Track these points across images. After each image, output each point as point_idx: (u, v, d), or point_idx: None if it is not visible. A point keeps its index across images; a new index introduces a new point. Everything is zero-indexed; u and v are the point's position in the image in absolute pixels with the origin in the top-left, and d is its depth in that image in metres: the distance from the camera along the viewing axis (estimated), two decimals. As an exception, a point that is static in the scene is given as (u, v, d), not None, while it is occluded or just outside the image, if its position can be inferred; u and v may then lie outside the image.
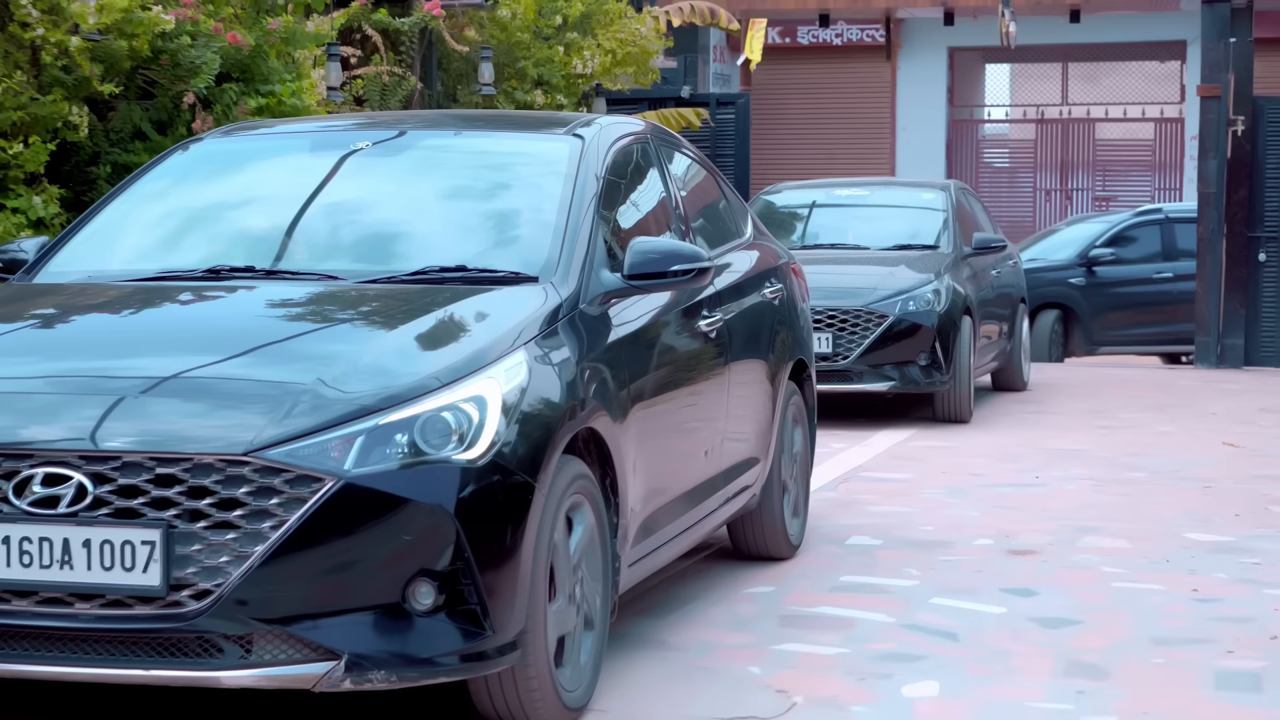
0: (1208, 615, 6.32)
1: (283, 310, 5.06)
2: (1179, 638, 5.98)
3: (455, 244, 5.50)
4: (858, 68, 29.00)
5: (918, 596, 6.57)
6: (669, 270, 5.46)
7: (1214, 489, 9.28)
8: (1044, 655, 5.71)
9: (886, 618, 6.22)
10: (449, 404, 4.42)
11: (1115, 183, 29.99)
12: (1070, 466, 10.09)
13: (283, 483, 4.24)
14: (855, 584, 6.81)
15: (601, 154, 5.90)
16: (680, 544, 5.98)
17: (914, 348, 11.75)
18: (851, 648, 5.79)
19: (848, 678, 5.41)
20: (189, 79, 9.32)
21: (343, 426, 4.32)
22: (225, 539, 4.21)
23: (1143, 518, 8.36)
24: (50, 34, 8.44)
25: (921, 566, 7.14)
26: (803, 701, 5.13)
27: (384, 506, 4.27)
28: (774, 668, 5.53)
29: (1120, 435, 11.63)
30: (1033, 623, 6.18)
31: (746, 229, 7.35)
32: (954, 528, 8.05)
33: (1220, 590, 6.76)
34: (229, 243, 5.63)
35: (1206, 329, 17.23)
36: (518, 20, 14.79)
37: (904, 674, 5.45)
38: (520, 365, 4.67)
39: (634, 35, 15.58)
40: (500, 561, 4.40)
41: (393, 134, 6.18)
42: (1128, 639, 5.95)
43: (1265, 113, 17.23)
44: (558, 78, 14.96)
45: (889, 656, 5.67)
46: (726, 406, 6.35)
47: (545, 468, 4.56)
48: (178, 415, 4.37)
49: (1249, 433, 11.78)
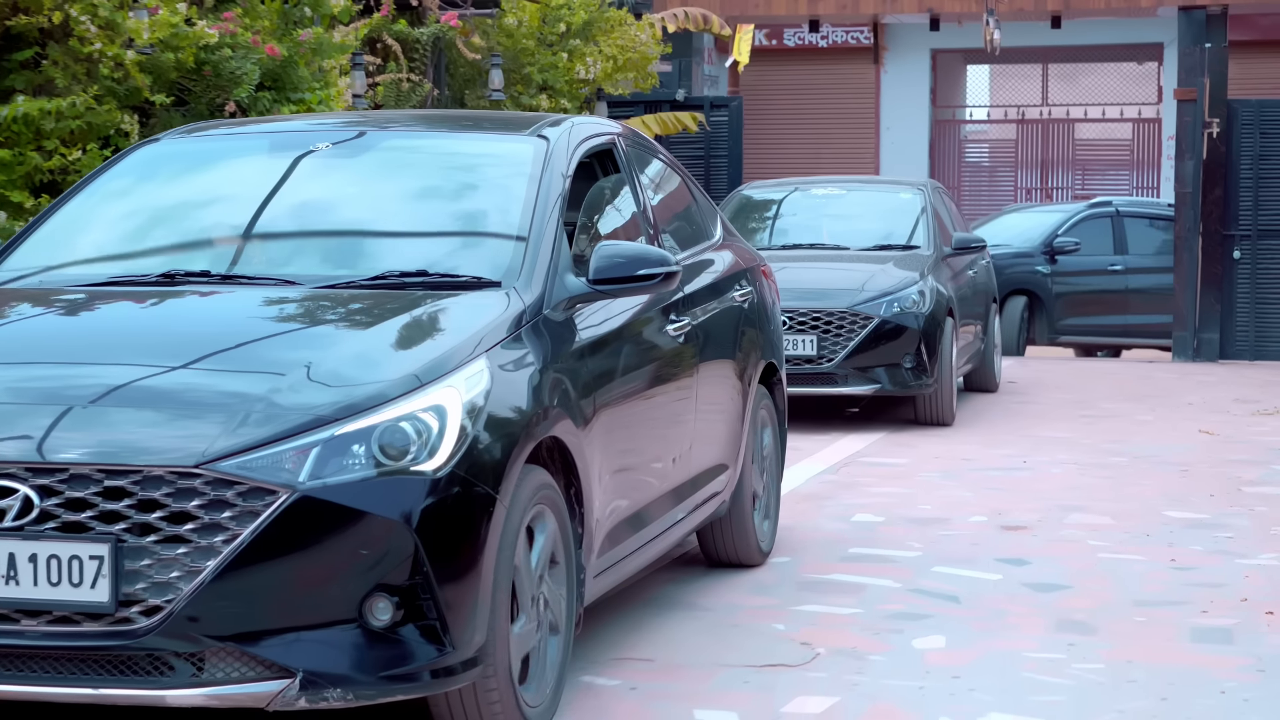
0: (1184, 581, 6.97)
1: (238, 317, 4.91)
2: (1158, 600, 6.62)
3: (416, 248, 5.40)
4: (843, 69, 29.67)
5: (921, 565, 7.21)
6: (635, 274, 5.36)
7: (1190, 472, 9.93)
8: (1037, 614, 6.35)
9: (894, 583, 6.86)
10: (408, 413, 4.33)
11: (1094, 181, 30.66)
12: (1055, 452, 10.73)
13: (235, 495, 4.14)
14: (863, 555, 7.45)
15: (567, 155, 5.77)
16: (648, 552, 5.90)
17: (899, 350, 11.63)
18: (865, 608, 6.43)
19: (864, 633, 6.05)
20: (230, 88, 9.92)
21: (298, 437, 4.22)
22: (176, 553, 4.11)
23: (1124, 497, 9.01)
24: (107, 48, 9.04)
25: (922, 540, 7.78)
26: (825, 652, 5.76)
27: (340, 519, 4.17)
28: (796, 625, 6.16)
29: (1102, 424, 12.27)
30: (1026, 587, 6.82)
31: (716, 231, 7.24)
32: (950, 506, 8.69)
33: (1196, 560, 7.40)
34: (185, 246, 5.53)
35: (1183, 324, 17.90)
36: (523, 28, 15.41)
37: (913, 630, 6.09)
38: (482, 373, 4.57)
39: (633, 42, 16.19)
40: (460, 575, 4.30)
41: (353, 135, 6.04)
42: (1112, 601, 6.59)
43: (1240, 115, 17.90)
44: (561, 83, 15.57)
45: (898, 615, 6.31)
46: (695, 412, 6.26)
47: (507, 478, 4.47)
48: (128, 425, 4.26)
49: (1223, 421, 12.43)
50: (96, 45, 9.01)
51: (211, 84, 9.99)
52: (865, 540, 7.78)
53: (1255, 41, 27.05)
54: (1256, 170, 17.81)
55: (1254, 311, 17.86)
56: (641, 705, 5.17)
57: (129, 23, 9.07)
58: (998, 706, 5.13)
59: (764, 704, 5.15)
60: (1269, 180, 17.82)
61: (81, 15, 8.97)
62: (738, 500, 6.90)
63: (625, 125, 6.58)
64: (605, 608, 6.26)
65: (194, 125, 6.38)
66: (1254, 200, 17.86)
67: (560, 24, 15.70)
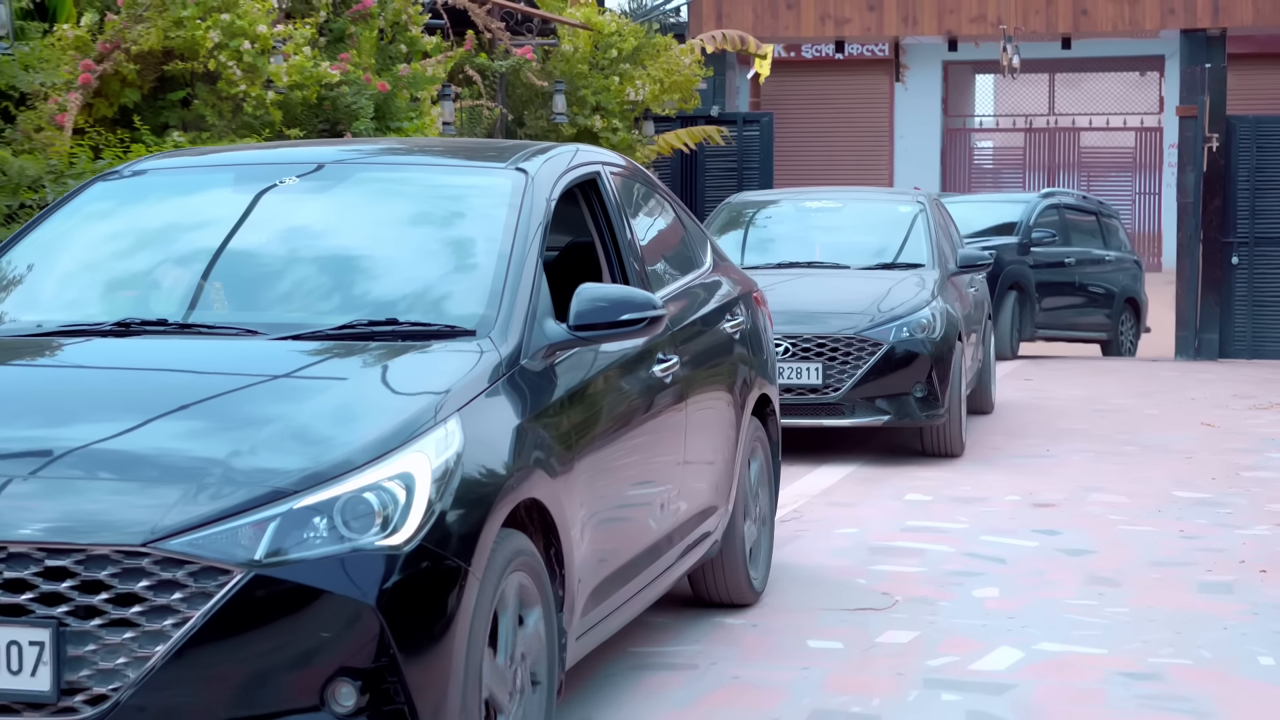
0: (1191, 547, 8.31)
1: (194, 371, 4.62)
2: (1170, 561, 7.96)
3: (385, 294, 5.06)
4: (858, 81, 31.03)
5: (969, 535, 8.56)
6: (619, 320, 5.07)
7: (1194, 459, 11.26)
8: (1071, 572, 7.69)
9: (949, 549, 8.21)
10: (372, 483, 4.07)
11: (1098, 186, 32.02)
12: (1074, 443, 12.06)
13: (186, 575, 3.88)
14: (920, 526, 8.81)
15: (547, 190, 5.47)
16: (635, 605, 5.67)
17: (910, 378, 10.93)
18: (928, 567, 7.77)
19: (931, 585, 7.39)
20: (348, 121, 11.25)
21: (254, 510, 3.96)
22: (123, 638, 3.86)
23: (1137, 480, 10.35)
24: (250, 89, 10.37)
25: (967, 515, 9.13)
26: (902, 600, 7.11)
27: (299, 599, 3.91)
28: (874, 580, 7.50)
29: (1113, 418, 13.61)
30: (1059, 551, 8.16)
31: (706, 258, 6.98)
32: (987, 488, 10.04)
33: (1200, 531, 8.74)
34: (141, 291, 5.24)
35: (1185, 325, 19.25)
36: (578, 54, 16.75)
37: (971, 583, 7.44)
38: (453, 435, 4.30)
39: (678, 65, 17.51)
40: (430, 656, 4.04)
41: (313, 169, 5.69)
42: (1132, 562, 7.93)
43: (1238, 131, 19.25)
44: (613, 104, 16.90)
45: (957, 573, 7.65)
46: (684, 454, 6.03)
47: (480, 548, 4.21)
48: (71, 499, 3.99)
49: (1223, 415, 13.77)
50: (241, 87, 10.33)
51: (329, 117, 11.32)
52: (919, 515, 9.13)
53: (1253, 55, 28.39)
54: (1253, 182, 19.16)
55: (1251, 314, 19.23)
56: (764, 637, 6.52)
57: (269, 67, 10.39)
58: (1046, 638, 6.48)
59: (861, 636, 6.50)
60: (1265, 191, 19.17)
61: (229, 61, 10.29)
62: (729, 539, 6.72)
63: (606, 152, 6.30)
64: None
65: (154, 156, 6.09)
66: (1251, 209, 19.21)
67: (612, 50, 17.02)
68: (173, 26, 10.23)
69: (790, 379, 10.82)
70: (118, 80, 10.17)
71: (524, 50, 14.45)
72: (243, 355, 4.71)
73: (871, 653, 6.27)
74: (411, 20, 12.69)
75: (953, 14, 20.09)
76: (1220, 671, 6.04)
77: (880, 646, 6.36)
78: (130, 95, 10.29)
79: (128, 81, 10.23)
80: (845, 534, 8.60)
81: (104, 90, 10.10)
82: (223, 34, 10.27)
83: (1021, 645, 6.37)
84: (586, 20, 16.80)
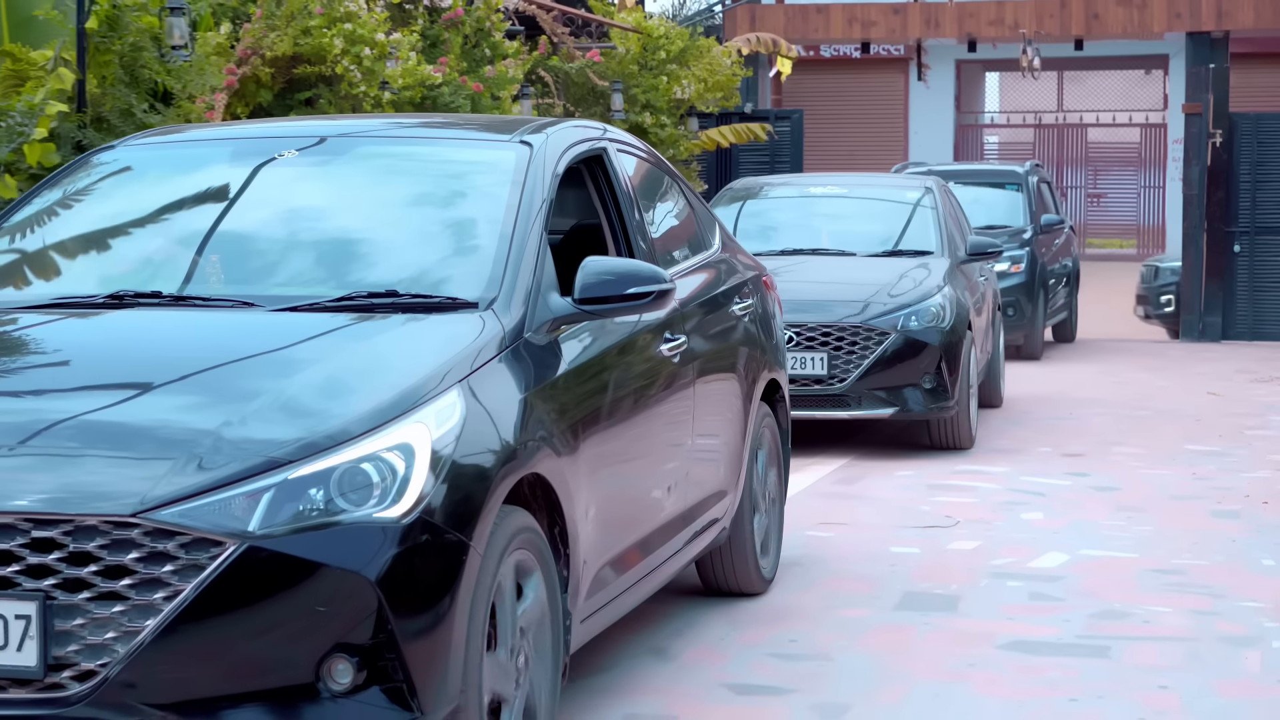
0: (1203, 486, 9.67)
1: (188, 343, 4.50)
2: (1185, 495, 9.33)
3: (386, 265, 4.93)
4: (875, 78, 32.42)
5: (1011, 476, 9.93)
6: (625, 293, 4.94)
7: (1202, 421, 12.63)
8: (1101, 503, 9.05)
9: (996, 486, 9.59)
10: (371, 454, 3.96)
11: (1105, 180, 33.42)
12: (1094, 408, 13.43)
13: (177, 547, 3.77)
14: (969, 469, 10.20)
15: (552, 164, 5.32)
16: (642, 590, 5.55)
17: (919, 369, 10.63)
18: (980, 499, 9.15)
19: (985, 511, 8.77)
20: (448, 119, 12.61)
21: (248, 481, 3.85)
22: (112, 612, 3.74)
23: (1153, 436, 11.71)
24: (369, 90, 11.73)
25: (1007, 462, 10.50)
26: (963, 521, 8.48)
27: (294, 573, 3.80)
28: (936, 508, 8.88)
29: (1128, 388, 14.97)
30: (1090, 488, 9.53)
31: (714, 240, 6.81)
32: (1022, 441, 11.42)
33: (1210, 474, 10.10)
34: (137, 263, 5.12)
35: (1190, 308, 20.61)
36: (629, 55, 18.12)
37: (1018, 510, 8.81)
38: (454, 406, 4.19)
39: (720, 66, 18.87)
40: (429, 632, 3.92)
41: (314, 142, 5.56)
42: (1152, 495, 9.30)
43: (1240, 127, 20.61)
44: (661, 102, 18.25)
45: (1006, 502, 9.04)
46: (692, 436, 5.91)
47: (482, 523, 4.10)
48: (59, 469, 3.88)
49: (1227, 387, 15.14)
50: (361, 88, 11.68)
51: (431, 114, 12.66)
52: (967, 462, 10.52)
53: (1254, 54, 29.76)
54: (1254, 175, 20.53)
55: (1252, 298, 20.59)
56: (851, 544, 7.88)
57: (385, 71, 11.74)
58: (1086, 546, 7.85)
59: (935, 545, 7.87)
60: (1265, 184, 20.54)
61: (350, 65, 11.64)
62: (738, 526, 6.58)
63: (612, 129, 6.15)
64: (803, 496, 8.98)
65: (154, 130, 5.98)
66: (1252, 201, 20.58)
67: (660, 52, 18.38)
68: (301, 35, 11.57)
69: (794, 369, 10.53)
70: (253, 82, 11.51)
71: (592, 54, 15.82)
72: (239, 327, 4.60)
73: (944, 556, 7.65)
74: (494, 27, 14.04)
75: (972, 17, 21.46)
76: (1231, 568, 7.42)
77: (951, 552, 7.73)
78: (264, 96, 11.62)
79: (262, 83, 11.56)
80: (904, 475, 9.97)
81: (241, 91, 11.43)
82: (345, 41, 11.61)
83: (1067, 550, 7.74)
84: (637, 24, 18.17)
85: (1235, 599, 6.83)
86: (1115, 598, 6.84)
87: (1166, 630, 6.35)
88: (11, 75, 10.15)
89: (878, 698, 5.48)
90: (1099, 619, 6.50)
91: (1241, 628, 6.38)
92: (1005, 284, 15.93)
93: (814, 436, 11.23)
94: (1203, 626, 6.39)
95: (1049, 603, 6.76)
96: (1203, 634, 6.28)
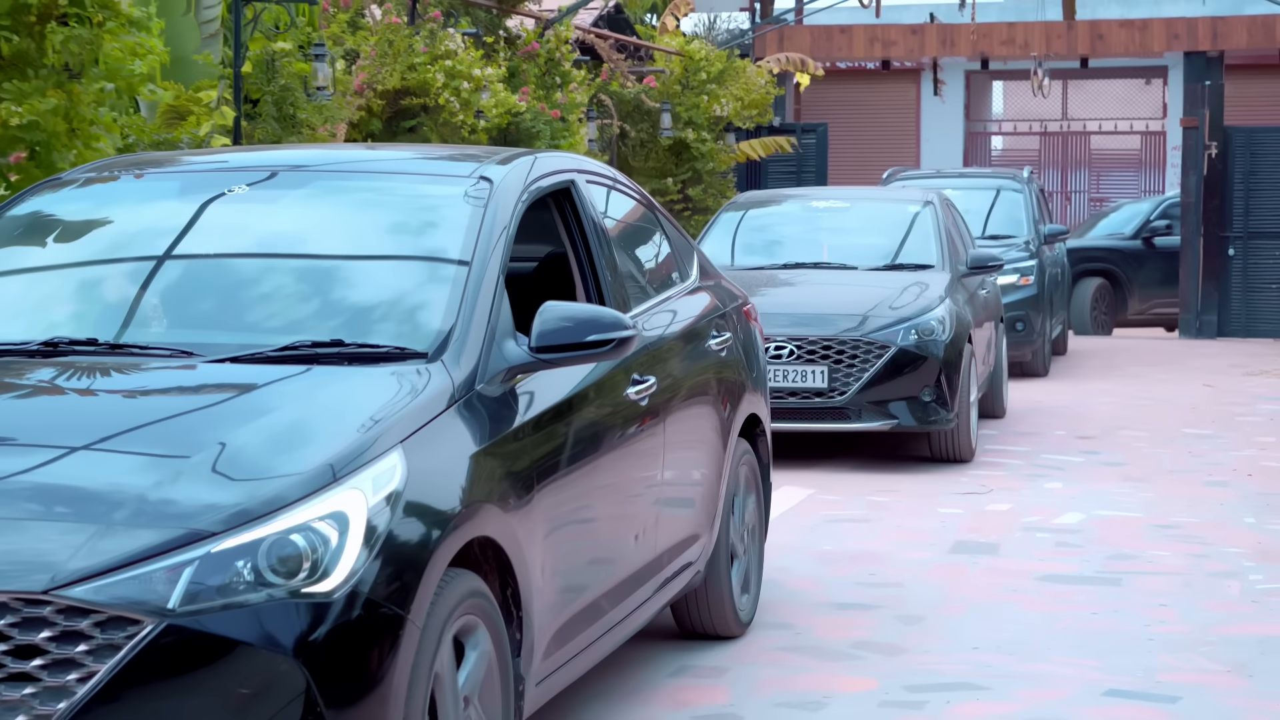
0: (1198, 462, 11.32)
1: (120, 397, 4.32)
2: (1182, 469, 10.99)
3: (332, 312, 4.72)
4: (889, 90, 34.08)
5: (1032, 455, 11.59)
6: (584, 340, 4.72)
7: (1198, 409, 14.28)
8: (1110, 476, 10.71)
9: (1020, 462, 11.26)
10: (301, 524, 3.77)
11: (1107, 185, 35.16)
12: (1100, 397, 15.07)
13: (92, 626, 3.58)
14: (996, 449, 11.86)
15: (512, 202, 5.11)
16: (607, 643, 5.32)
17: (919, 381, 10.78)
18: (1008, 473, 10.81)
19: (1012, 481, 10.45)
20: (530, 142, 14.24)
21: (170, 554, 3.66)
22: (22, 695, 3.57)
23: (1154, 423, 13.37)
24: (466, 119, 13.37)
25: (1028, 444, 12.15)
26: (995, 489, 10.14)
27: (216, 653, 3.62)
28: (972, 478, 10.54)
29: (1130, 382, 16.61)
30: (1100, 464, 11.19)
31: (692, 271, 6.63)
32: (1040, 425, 13.09)
33: (1204, 452, 11.75)
34: (73, 307, 4.90)
35: (1187, 308, 22.27)
36: (672, 76, 19.77)
37: (1039, 482, 10.48)
38: (394, 469, 3.99)
39: (755, 85, 20.53)
40: (363, 715, 3.76)
41: (266, 176, 5.35)
42: (1154, 469, 10.95)
43: (1234, 139, 22.27)
44: (702, 119, 19.90)
45: (1028, 475, 10.70)
46: (662, 481, 5.69)
47: (421, 594, 3.91)
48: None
49: (1222, 379, 16.78)
50: (460, 117, 13.33)
51: (515, 139, 14.31)
52: (994, 443, 12.18)
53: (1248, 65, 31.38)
54: (1247, 184, 22.20)
55: (1245, 298, 22.25)
56: (903, 508, 9.54)
57: (480, 101, 13.39)
58: (1100, 507, 9.51)
59: (975, 506, 9.54)
60: (1257, 191, 22.21)
61: (450, 96, 13.29)
62: (713, 568, 6.36)
63: (583, 159, 6.05)
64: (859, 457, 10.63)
65: (98, 163, 5.71)
66: (1245, 207, 22.24)
67: (700, 73, 20.03)
68: (408, 70, 13.21)
69: (795, 382, 10.72)
70: (365, 112, 13.15)
71: (648, 80, 17.50)
72: (173, 380, 4.40)
73: (983, 515, 9.31)
74: (564, 57, 15.70)
75: (986, 38, 23.10)
76: (1219, 524, 9.08)
77: (988, 512, 9.40)
78: (375, 124, 13.27)
79: (374, 113, 13.20)
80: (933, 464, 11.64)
81: (356, 120, 13.07)
82: (446, 76, 13.26)
83: (1084, 511, 9.42)
84: (680, 48, 19.82)
85: (1221, 546, 8.48)
86: (1125, 545, 8.48)
87: (1166, 568, 8.00)
88: (170, 110, 11.81)
89: (944, 612, 7.13)
90: (1112, 559, 8.16)
91: (1226, 566, 8.04)
92: (1014, 298, 15.99)
93: (828, 442, 12.67)
94: (1195, 565, 8.04)
95: (1072, 549, 8.41)
96: (1195, 570, 7.94)
